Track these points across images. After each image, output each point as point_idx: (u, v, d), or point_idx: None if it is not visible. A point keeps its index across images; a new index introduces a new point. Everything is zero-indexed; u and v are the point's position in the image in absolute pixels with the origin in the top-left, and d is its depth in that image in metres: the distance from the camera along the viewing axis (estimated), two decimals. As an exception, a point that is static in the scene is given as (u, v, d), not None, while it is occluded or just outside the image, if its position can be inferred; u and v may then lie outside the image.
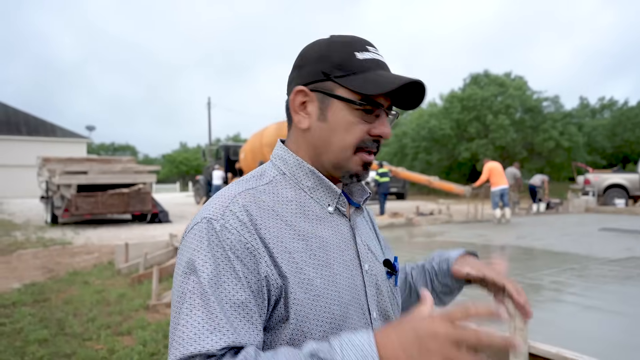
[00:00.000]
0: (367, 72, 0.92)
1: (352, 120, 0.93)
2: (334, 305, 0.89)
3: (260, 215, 0.88)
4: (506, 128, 28.34)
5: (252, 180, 0.97)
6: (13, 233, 12.74)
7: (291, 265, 0.87)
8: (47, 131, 36.29)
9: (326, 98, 0.93)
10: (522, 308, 1.09)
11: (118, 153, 66.14)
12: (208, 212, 0.89)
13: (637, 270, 6.02)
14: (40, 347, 4.25)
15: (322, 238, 0.93)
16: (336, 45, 0.95)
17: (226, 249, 0.83)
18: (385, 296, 1.02)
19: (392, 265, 1.08)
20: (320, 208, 0.97)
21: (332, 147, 0.95)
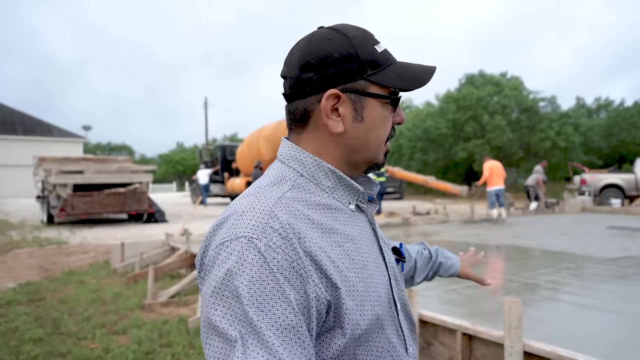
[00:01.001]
0: (391, 65, 0.94)
1: (386, 114, 0.95)
2: (377, 306, 0.89)
3: (300, 228, 0.82)
4: (502, 128, 28.37)
5: (275, 186, 0.90)
6: (9, 233, 12.70)
7: (339, 275, 0.83)
8: (43, 131, 36.18)
9: (361, 98, 0.91)
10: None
11: (114, 153, 65.95)
12: (245, 229, 0.79)
13: (633, 269, 6.04)
14: (35, 346, 4.24)
15: (354, 240, 0.91)
16: (358, 41, 0.92)
17: (274, 270, 0.75)
18: (401, 284, 1.04)
19: (400, 252, 1.12)
20: (343, 207, 0.94)
21: (369, 145, 0.95)
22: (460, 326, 3.29)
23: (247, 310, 0.72)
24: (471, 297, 4.90)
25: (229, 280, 0.75)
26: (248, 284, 0.74)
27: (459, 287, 5.27)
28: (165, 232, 8.67)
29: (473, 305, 4.61)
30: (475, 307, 4.54)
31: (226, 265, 0.76)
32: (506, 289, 5.36)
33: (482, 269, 6.57)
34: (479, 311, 4.39)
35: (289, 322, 0.74)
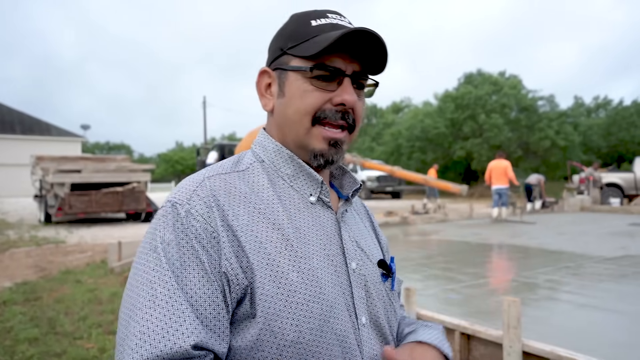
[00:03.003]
0: (317, 36, 0.84)
1: (307, 88, 0.85)
2: (314, 302, 0.78)
3: (229, 202, 0.81)
4: (500, 127, 28.37)
5: (227, 165, 0.90)
6: (6, 232, 12.65)
7: (262, 257, 0.78)
8: (41, 130, 36.11)
9: (283, 73, 0.88)
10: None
11: (113, 152, 65.92)
12: (174, 195, 0.83)
13: (632, 268, 6.01)
14: (30, 346, 4.20)
15: (301, 229, 0.84)
16: (293, 18, 0.90)
17: (191, 237, 0.76)
18: (377, 300, 0.91)
19: (388, 266, 0.98)
20: (300, 198, 0.88)
21: (289, 121, 0.88)
22: (458, 326, 3.27)
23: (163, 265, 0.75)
24: (470, 296, 4.87)
25: (150, 241, 0.78)
26: (165, 245, 0.76)
27: (458, 286, 5.25)
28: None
29: (471, 305, 4.59)
30: (474, 307, 4.51)
31: (152, 227, 0.80)
32: (505, 289, 5.35)
33: (482, 268, 6.55)
34: (477, 310, 4.36)
35: (205, 290, 0.75)
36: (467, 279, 5.63)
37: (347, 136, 0.89)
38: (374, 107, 45.00)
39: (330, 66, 0.84)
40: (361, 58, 0.86)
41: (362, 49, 0.85)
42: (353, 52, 0.85)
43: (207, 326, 0.74)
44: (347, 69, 0.85)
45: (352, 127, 0.88)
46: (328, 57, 0.84)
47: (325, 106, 0.85)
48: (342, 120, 0.86)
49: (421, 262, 6.84)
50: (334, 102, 0.85)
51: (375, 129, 40.66)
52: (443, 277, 5.80)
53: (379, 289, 0.93)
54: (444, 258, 7.16)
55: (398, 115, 41.44)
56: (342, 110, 0.86)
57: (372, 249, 0.98)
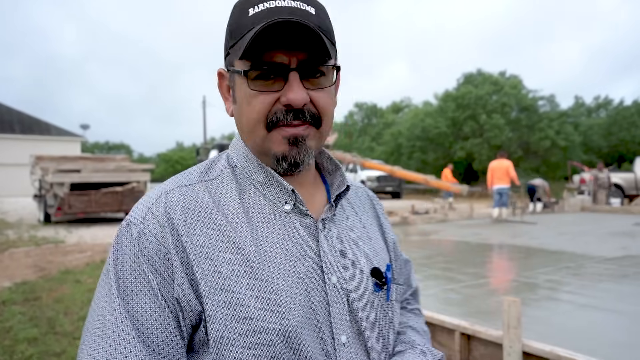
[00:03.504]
0: (251, 30, 0.73)
1: (250, 92, 0.76)
2: (273, 330, 0.72)
3: (184, 220, 0.75)
4: (501, 127, 28.38)
5: (195, 174, 0.83)
6: (5, 232, 12.64)
7: (215, 282, 0.72)
8: (41, 130, 36.11)
9: (232, 75, 0.80)
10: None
11: (113, 152, 65.99)
12: (131, 213, 0.78)
13: (633, 268, 6.00)
14: (29, 346, 4.19)
15: (265, 246, 0.76)
16: (234, 10, 0.79)
17: (142, 260, 0.72)
18: (364, 315, 0.83)
19: (383, 274, 0.88)
20: (273, 208, 0.81)
21: (245, 129, 0.81)
22: (458, 326, 3.25)
23: (113, 291, 0.71)
24: (470, 296, 4.86)
25: (107, 264, 0.75)
26: (117, 269, 0.73)
27: (458, 286, 5.24)
28: (163, 231, 8.63)
29: (471, 305, 4.57)
30: (474, 307, 4.50)
31: (111, 250, 0.76)
32: (505, 289, 5.33)
33: (482, 269, 6.54)
34: (477, 310, 4.35)
35: (151, 312, 0.71)
36: (467, 279, 5.62)
37: (313, 131, 0.79)
38: (374, 107, 45.02)
39: (269, 63, 0.74)
40: (309, 45, 0.74)
41: (303, 35, 0.73)
42: (295, 40, 0.73)
43: (158, 354, 0.70)
44: (291, 61, 0.74)
45: (317, 121, 0.79)
46: (268, 53, 0.74)
47: (275, 108, 0.76)
48: (297, 120, 0.76)
49: (421, 262, 6.82)
50: (282, 103, 0.76)
51: (375, 129, 40.66)
52: (443, 277, 5.79)
53: (370, 301, 0.85)
54: (444, 258, 7.15)
55: (398, 115, 41.41)
56: (292, 109, 0.76)
57: (367, 255, 0.89)
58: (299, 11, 0.75)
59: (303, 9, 0.76)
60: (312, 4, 0.78)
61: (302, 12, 0.75)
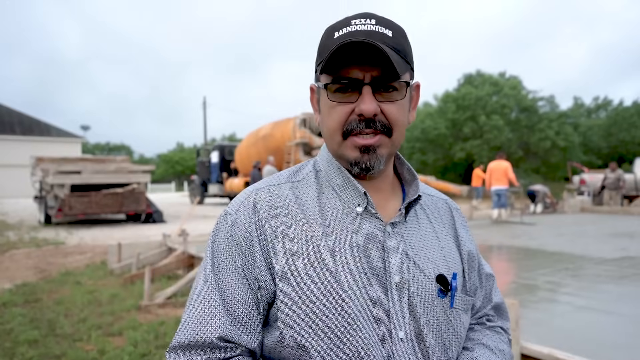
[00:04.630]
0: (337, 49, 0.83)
1: (330, 103, 0.88)
2: (334, 314, 0.83)
3: (268, 214, 0.89)
4: (500, 128, 28.38)
5: (284, 176, 0.97)
6: (6, 233, 12.65)
7: (287, 268, 0.85)
8: (41, 131, 36.13)
9: (319, 90, 0.93)
10: None
11: (113, 153, 65.92)
12: (230, 205, 0.94)
13: (632, 269, 6.02)
14: (30, 348, 4.20)
15: (334, 242, 0.87)
16: (324, 32, 0.91)
17: (232, 243, 0.88)
18: (425, 317, 0.88)
19: (448, 281, 0.92)
20: (346, 209, 0.91)
21: (326, 137, 0.92)
22: (457, 328, 3.27)
23: (210, 271, 0.88)
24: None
25: (208, 243, 0.92)
26: (214, 249, 0.90)
27: None
28: (163, 233, 8.63)
29: (471, 307, 4.59)
30: (473, 308, 4.51)
31: (211, 236, 0.93)
32: (504, 290, 5.34)
33: (481, 270, 6.55)
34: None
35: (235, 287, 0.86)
36: (466, 280, 5.63)
37: (385, 140, 0.88)
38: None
39: (346, 78, 0.85)
40: (381, 63, 0.84)
41: (376, 54, 0.83)
42: (369, 59, 0.84)
43: (237, 322, 0.85)
44: (365, 77, 0.85)
45: (388, 131, 0.88)
46: (346, 69, 0.85)
47: (351, 118, 0.87)
48: (369, 128, 0.86)
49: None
50: (356, 113, 0.86)
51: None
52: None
53: (432, 305, 0.89)
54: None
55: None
56: (363, 119, 0.86)
57: (435, 262, 0.93)
58: (375, 34, 0.85)
59: (379, 32, 0.86)
60: (390, 26, 0.88)
61: (378, 34, 0.85)
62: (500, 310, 1.10)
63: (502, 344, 1.02)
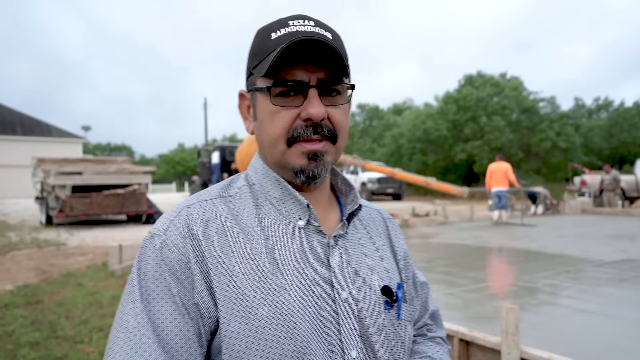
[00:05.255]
0: (274, 51, 0.78)
1: (271, 109, 0.81)
2: (286, 338, 0.75)
3: (204, 231, 0.80)
4: (501, 129, 28.36)
5: (216, 190, 0.88)
6: (7, 234, 12.68)
7: (230, 291, 0.76)
8: (42, 131, 36.16)
9: (254, 94, 0.85)
10: None
11: (114, 153, 66.04)
12: (155, 225, 0.83)
13: (632, 272, 6.02)
14: (31, 350, 4.21)
15: (279, 259, 0.80)
16: (257, 33, 0.86)
17: (164, 269, 0.77)
18: (376, 332, 0.85)
19: (393, 293, 0.90)
20: (287, 223, 0.84)
21: (265, 145, 0.85)
22: (457, 332, 3.27)
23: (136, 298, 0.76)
24: (470, 301, 4.88)
25: (132, 275, 0.80)
26: (141, 278, 0.78)
27: (457, 290, 5.26)
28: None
29: (471, 310, 4.59)
30: (473, 312, 4.52)
31: (136, 257, 0.82)
32: (505, 293, 5.35)
33: (482, 272, 6.56)
34: (476, 315, 4.37)
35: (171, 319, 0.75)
36: (466, 283, 5.64)
37: (330, 146, 0.83)
38: (375, 109, 45.03)
39: (290, 80, 0.79)
40: (327, 64, 0.80)
41: (323, 54, 0.79)
42: (315, 59, 0.79)
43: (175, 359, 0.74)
44: (310, 79, 0.80)
45: (333, 137, 0.83)
46: (289, 71, 0.79)
47: (296, 123, 0.81)
48: (316, 134, 0.81)
49: (421, 265, 6.84)
50: (301, 118, 0.80)
51: (376, 131, 40.68)
52: (443, 281, 5.81)
53: (380, 318, 0.86)
54: (444, 261, 7.17)
55: (400, 116, 41.41)
56: (311, 124, 0.80)
57: (378, 273, 0.91)
58: (317, 35, 0.79)
59: (321, 34, 0.81)
60: (329, 30, 0.84)
61: (320, 36, 0.80)
62: (436, 318, 1.12)
63: (445, 356, 1.02)
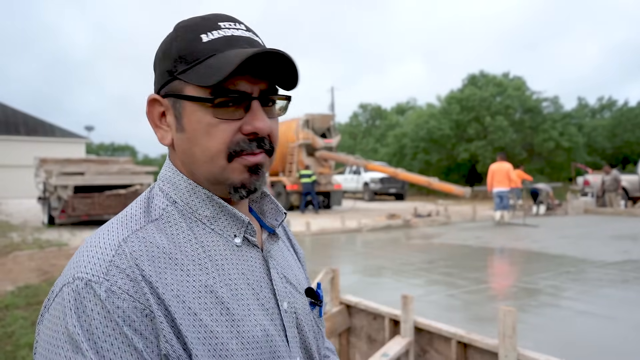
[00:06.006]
0: (212, 57, 0.72)
1: (209, 121, 0.73)
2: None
3: (155, 269, 0.68)
4: (505, 129, 28.30)
5: (138, 216, 0.76)
6: (10, 234, 12.71)
7: (198, 330, 0.68)
8: (45, 131, 36.26)
9: (177, 102, 0.75)
10: None
11: (117, 153, 66.18)
12: (83, 270, 0.66)
13: (634, 273, 5.99)
14: (31, 352, 4.22)
15: (231, 284, 0.75)
16: (179, 33, 0.77)
17: (118, 322, 0.63)
18: (309, 333, 0.86)
19: (316, 293, 0.92)
20: (224, 242, 0.78)
21: (198, 160, 0.76)
22: (455, 334, 3.27)
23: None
24: (469, 302, 4.87)
25: (68, 336, 0.63)
26: (91, 339, 0.62)
27: (458, 292, 5.25)
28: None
29: (471, 311, 4.58)
30: (473, 313, 4.51)
31: (63, 317, 0.64)
32: (505, 294, 5.34)
33: (483, 273, 6.54)
34: (476, 317, 4.36)
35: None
36: (467, 284, 5.63)
37: (267, 159, 0.78)
38: (378, 109, 45.02)
39: (234, 91, 0.73)
40: (268, 75, 0.76)
41: (268, 66, 0.75)
42: (258, 71, 0.74)
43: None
44: (253, 90, 0.75)
45: (271, 151, 0.79)
46: (231, 81, 0.72)
47: (237, 137, 0.74)
48: (259, 148, 0.76)
49: (422, 266, 6.83)
50: (245, 131, 0.74)
51: (379, 130, 40.66)
52: (444, 282, 5.80)
53: (310, 319, 0.88)
54: (444, 262, 7.15)
55: (402, 116, 41.39)
56: (255, 137, 0.75)
57: (299, 277, 0.92)
58: (254, 41, 0.77)
59: (256, 40, 0.78)
60: (257, 35, 0.80)
61: (257, 42, 0.77)
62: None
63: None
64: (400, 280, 6.03)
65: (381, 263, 7.21)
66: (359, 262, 7.59)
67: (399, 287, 5.43)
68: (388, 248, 9.00)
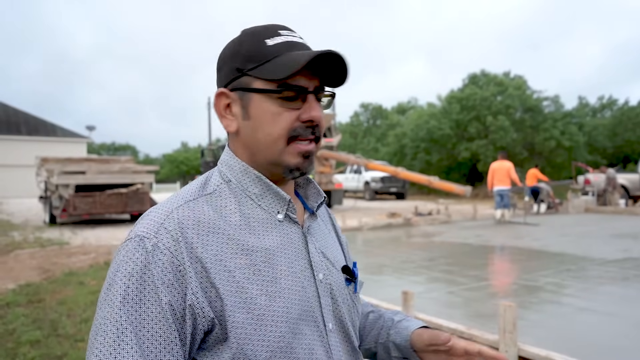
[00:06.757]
0: (278, 57, 0.87)
1: (275, 110, 0.88)
2: (281, 322, 0.84)
3: (197, 233, 0.83)
4: (506, 129, 28.27)
5: (195, 190, 0.91)
6: (11, 233, 12.74)
7: (231, 285, 0.81)
8: (47, 131, 36.31)
9: (245, 94, 0.90)
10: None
11: (119, 153, 66.21)
12: (142, 228, 0.82)
13: (634, 271, 6.00)
14: (32, 349, 4.24)
15: (268, 250, 0.88)
16: (246, 38, 0.92)
17: (154, 272, 0.77)
18: (342, 305, 0.97)
19: (351, 271, 1.04)
20: (268, 216, 0.91)
21: (261, 144, 0.90)
22: (455, 330, 3.27)
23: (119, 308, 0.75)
24: (470, 299, 4.87)
25: (114, 277, 0.78)
26: (126, 283, 0.77)
27: (458, 289, 5.25)
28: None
29: (472, 308, 4.59)
30: (474, 310, 4.52)
31: (116, 263, 0.80)
32: (505, 291, 5.34)
33: (483, 270, 6.55)
34: (477, 313, 4.37)
35: (154, 326, 0.76)
36: (468, 281, 5.63)
37: (315, 147, 0.93)
38: (379, 108, 45.01)
39: (296, 85, 0.87)
40: (321, 73, 0.90)
41: (323, 66, 0.89)
42: (314, 69, 0.89)
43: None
44: (309, 85, 0.89)
45: (319, 139, 0.93)
46: (292, 77, 0.87)
47: (295, 124, 0.88)
48: (312, 134, 0.91)
49: (423, 264, 6.84)
50: (302, 119, 0.89)
51: (380, 130, 40.65)
52: (444, 279, 5.80)
53: (344, 293, 0.99)
54: (445, 260, 7.16)
55: (403, 116, 41.36)
56: (310, 125, 0.90)
57: (337, 255, 1.04)
58: (308, 46, 0.92)
59: (308, 45, 0.93)
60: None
61: (309, 46, 0.92)
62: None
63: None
64: (401, 277, 6.04)
65: (382, 261, 7.22)
66: (360, 260, 7.56)
67: (399, 285, 5.44)
68: (389, 246, 9.01)
